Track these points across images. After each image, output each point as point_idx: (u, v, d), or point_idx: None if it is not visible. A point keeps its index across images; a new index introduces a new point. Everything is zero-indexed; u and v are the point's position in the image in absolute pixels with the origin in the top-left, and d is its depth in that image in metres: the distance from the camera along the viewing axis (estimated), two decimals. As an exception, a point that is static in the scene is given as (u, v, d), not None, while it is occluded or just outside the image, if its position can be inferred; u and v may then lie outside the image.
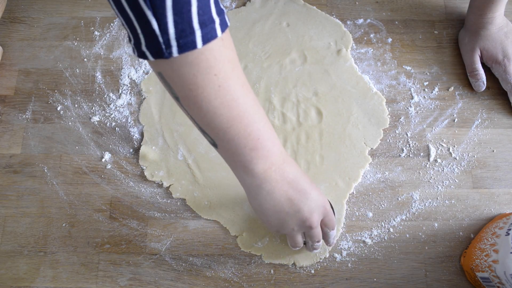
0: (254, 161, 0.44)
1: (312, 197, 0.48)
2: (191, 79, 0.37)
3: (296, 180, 0.47)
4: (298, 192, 0.47)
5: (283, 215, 0.48)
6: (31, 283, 0.58)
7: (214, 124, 0.41)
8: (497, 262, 0.50)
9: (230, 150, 0.44)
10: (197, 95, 0.38)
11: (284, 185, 0.46)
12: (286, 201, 0.47)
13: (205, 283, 0.58)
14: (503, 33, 0.65)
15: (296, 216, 0.48)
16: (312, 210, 0.48)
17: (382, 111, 0.65)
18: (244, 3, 0.73)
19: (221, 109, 0.39)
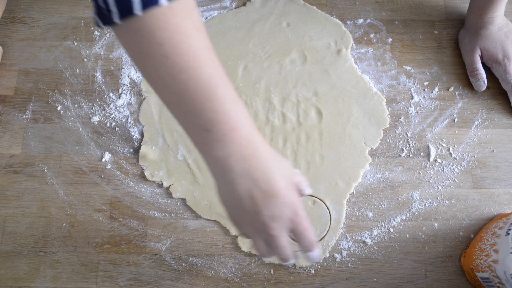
0: (209, 144, 0.39)
1: (280, 202, 0.41)
2: (135, 47, 0.37)
3: (265, 178, 0.40)
4: (263, 192, 0.40)
5: (241, 211, 0.42)
6: (31, 283, 0.58)
7: (164, 96, 0.40)
8: (497, 262, 0.50)
9: (184, 127, 0.41)
10: (144, 64, 0.38)
11: (248, 181, 0.40)
12: (248, 198, 0.40)
13: (205, 283, 0.58)
14: (503, 33, 0.65)
15: (254, 218, 0.41)
16: (274, 217, 0.41)
17: (382, 111, 0.65)
18: (244, 3, 0.73)
19: (167, 81, 0.37)
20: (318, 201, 0.61)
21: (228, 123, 0.39)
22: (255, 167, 0.40)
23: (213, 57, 0.39)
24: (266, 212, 0.41)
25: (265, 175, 0.40)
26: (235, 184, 0.40)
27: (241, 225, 0.44)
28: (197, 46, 0.37)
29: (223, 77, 0.39)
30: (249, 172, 0.40)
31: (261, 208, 0.41)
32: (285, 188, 0.41)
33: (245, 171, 0.40)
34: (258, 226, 0.42)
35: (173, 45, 0.36)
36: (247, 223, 0.43)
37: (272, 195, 0.40)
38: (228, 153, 0.39)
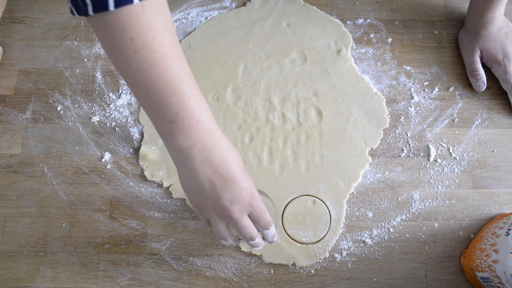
0: (174, 134, 0.43)
1: (238, 187, 0.45)
2: (109, 40, 0.39)
3: (223, 166, 0.45)
4: (222, 178, 0.44)
5: (203, 196, 0.46)
6: (31, 283, 0.58)
7: (135, 89, 0.42)
8: (497, 262, 0.50)
9: (152, 119, 0.44)
10: (116, 57, 0.40)
11: (208, 168, 0.44)
12: (208, 183, 0.45)
13: (205, 283, 0.58)
14: (503, 33, 0.65)
15: (216, 202, 0.45)
16: (234, 201, 0.45)
17: (382, 111, 0.65)
18: (244, 3, 0.73)
19: (138, 75, 0.40)
20: (318, 201, 0.61)
21: (192, 116, 0.42)
22: (215, 156, 0.44)
23: (181, 55, 0.42)
24: (226, 196, 0.45)
25: (224, 163, 0.45)
26: (196, 171, 0.44)
27: (203, 210, 0.47)
28: (166, 44, 0.40)
29: (189, 74, 0.42)
30: (210, 160, 0.44)
31: (221, 193, 0.45)
32: (241, 174, 0.46)
33: (206, 159, 0.44)
34: (219, 211, 0.46)
35: (144, 42, 0.39)
36: (209, 208, 0.46)
37: (231, 181, 0.45)
38: (192, 143, 0.43)
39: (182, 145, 0.44)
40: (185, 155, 0.44)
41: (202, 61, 0.68)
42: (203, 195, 0.46)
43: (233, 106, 0.66)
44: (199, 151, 0.44)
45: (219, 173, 0.45)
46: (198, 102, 0.43)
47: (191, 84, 0.43)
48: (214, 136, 0.45)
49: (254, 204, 0.47)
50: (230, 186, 0.45)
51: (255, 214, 0.48)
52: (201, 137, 0.44)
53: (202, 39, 0.70)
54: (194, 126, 0.43)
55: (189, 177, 0.45)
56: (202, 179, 0.45)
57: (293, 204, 0.61)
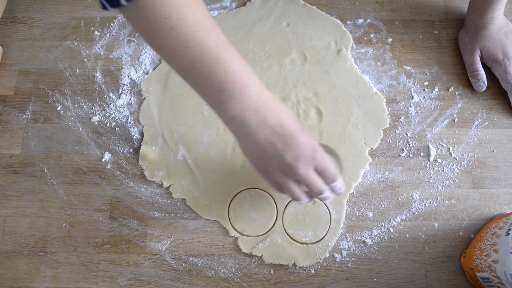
0: (225, 103, 0.43)
1: (298, 143, 0.45)
2: (144, 24, 0.40)
3: (280, 125, 0.45)
4: (281, 137, 0.44)
5: (266, 159, 0.46)
6: (31, 283, 0.58)
7: (178, 66, 0.43)
8: (497, 262, 0.50)
9: (201, 92, 0.44)
10: (155, 38, 0.41)
11: (265, 129, 0.44)
12: (269, 145, 0.45)
13: (205, 283, 0.58)
14: (503, 33, 0.65)
15: (279, 161, 0.45)
16: (298, 157, 0.45)
17: (382, 111, 0.65)
18: (244, 3, 0.73)
19: (178, 51, 0.41)
20: (318, 201, 0.61)
21: (239, 81, 0.43)
22: (269, 116, 0.44)
23: (214, 25, 0.42)
24: (288, 154, 0.45)
25: (279, 121, 0.45)
26: (254, 135, 0.44)
27: (270, 174, 0.47)
28: (199, 16, 0.41)
29: (226, 42, 0.43)
30: (265, 121, 0.44)
31: (283, 151, 0.45)
32: (299, 130, 0.45)
33: (261, 121, 0.44)
34: (285, 170, 0.46)
35: (178, 17, 0.39)
36: (275, 170, 0.46)
37: (290, 137, 0.45)
38: (244, 108, 0.44)
39: (235, 112, 0.44)
40: (240, 121, 0.44)
41: (202, 61, 0.68)
42: (266, 158, 0.46)
43: (233, 106, 0.66)
44: (253, 114, 0.44)
45: (277, 132, 0.44)
46: (241, 66, 0.43)
47: (231, 50, 0.43)
48: (264, 97, 0.45)
49: (318, 157, 0.46)
50: (290, 143, 0.45)
51: (320, 167, 0.47)
52: (252, 100, 0.44)
53: (202, 39, 0.70)
54: (243, 91, 0.43)
55: (248, 142, 0.46)
56: (261, 142, 0.45)
57: (293, 204, 0.61)
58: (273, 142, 0.45)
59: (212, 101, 0.45)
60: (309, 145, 0.46)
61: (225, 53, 0.42)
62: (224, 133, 0.64)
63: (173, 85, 0.67)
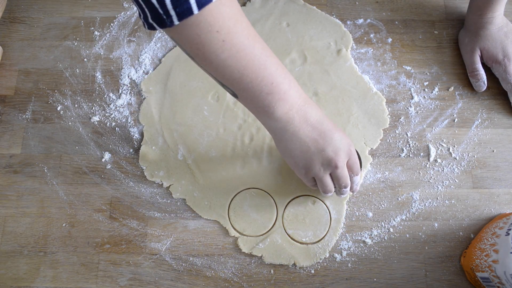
0: (273, 105, 0.47)
1: (336, 137, 0.50)
2: (195, 39, 0.42)
3: (319, 122, 0.50)
4: (322, 133, 0.50)
5: (309, 154, 0.50)
6: (31, 283, 0.58)
7: (227, 76, 0.45)
8: (497, 262, 0.50)
9: (248, 98, 0.47)
10: (205, 51, 0.43)
11: (307, 127, 0.49)
12: (311, 141, 0.50)
13: (205, 283, 0.58)
14: (503, 33, 0.65)
15: (321, 155, 0.50)
16: (337, 149, 0.50)
17: (382, 111, 0.65)
18: (244, 3, 0.73)
19: (229, 61, 0.43)
20: (318, 201, 0.61)
21: (284, 83, 0.47)
22: (310, 114, 0.50)
23: (257, 34, 0.46)
24: (329, 148, 0.50)
25: (318, 118, 0.50)
26: (298, 132, 0.49)
27: (310, 170, 0.52)
28: (245, 27, 0.44)
29: (267, 47, 0.47)
30: (306, 119, 0.49)
31: (324, 146, 0.50)
32: (334, 126, 0.51)
33: (303, 118, 0.49)
34: (326, 163, 0.51)
35: (228, 30, 0.42)
36: (316, 164, 0.51)
37: (329, 133, 0.50)
38: (289, 107, 0.48)
39: (282, 111, 0.48)
40: (285, 120, 0.49)
41: (202, 61, 0.68)
42: (309, 153, 0.51)
43: (233, 106, 0.66)
44: (296, 112, 0.49)
45: (317, 129, 0.50)
46: (283, 70, 0.48)
47: (273, 56, 0.47)
48: (303, 96, 0.50)
49: (352, 150, 0.53)
50: (330, 137, 0.50)
51: (351, 159, 0.53)
52: (295, 100, 0.48)
53: (202, 39, 0.70)
54: (288, 92, 0.48)
55: (292, 140, 0.50)
56: (304, 138, 0.50)
57: (293, 204, 0.61)
58: (315, 138, 0.50)
59: (259, 105, 0.48)
60: (345, 139, 0.52)
61: (270, 59, 0.46)
62: (224, 133, 0.64)
63: (173, 85, 0.67)
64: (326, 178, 0.53)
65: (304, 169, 0.52)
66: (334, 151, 0.50)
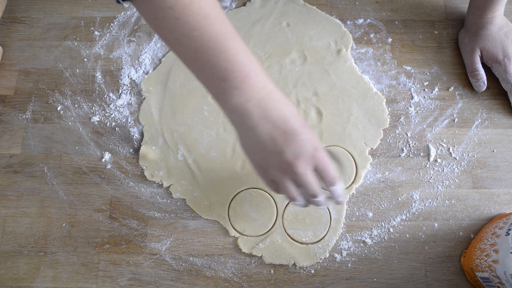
0: (227, 92, 0.43)
1: (300, 139, 0.43)
2: (152, 14, 0.41)
3: (283, 120, 0.43)
4: (283, 132, 0.43)
5: (266, 154, 0.44)
6: (31, 283, 0.58)
7: (183, 55, 0.43)
8: (497, 262, 0.50)
9: (204, 81, 0.44)
10: (161, 27, 0.42)
11: (267, 123, 0.43)
12: (269, 139, 0.43)
13: (205, 283, 0.58)
14: (503, 32, 0.65)
15: (279, 158, 0.43)
16: (298, 154, 0.43)
17: (382, 111, 0.65)
18: (244, 3, 0.73)
19: (183, 40, 0.41)
20: (318, 201, 0.61)
21: (242, 71, 0.42)
22: (272, 109, 0.43)
23: (221, 14, 0.42)
24: (289, 150, 0.43)
25: (282, 115, 0.43)
26: (255, 128, 0.43)
27: (268, 170, 0.46)
28: (204, 6, 0.41)
29: (232, 31, 0.43)
30: (267, 114, 0.43)
31: (283, 147, 0.43)
32: (302, 126, 0.44)
33: (263, 114, 0.43)
34: (284, 167, 0.44)
35: (183, 7, 0.40)
36: (273, 166, 0.45)
37: (292, 133, 0.43)
38: (245, 98, 0.43)
39: (237, 102, 0.43)
40: (241, 112, 0.43)
41: (202, 61, 0.68)
42: (265, 153, 0.44)
43: (233, 106, 0.66)
44: (255, 105, 0.43)
45: (279, 127, 0.43)
46: (245, 56, 0.43)
47: (236, 40, 0.43)
48: (267, 88, 0.44)
49: (319, 156, 0.44)
50: (292, 139, 0.43)
51: (320, 167, 0.45)
52: (254, 90, 0.43)
53: (202, 39, 0.70)
54: (246, 80, 0.42)
55: (248, 135, 0.44)
56: (262, 136, 0.43)
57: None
58: (273, 137, 0.43)
59: (215, 91, 0.44)
60: (311, 143, 0.44)
61: (229, 42, 0.42)
62: (224, 133, 0.64)
63: (173, 85, 0.67)
64: (286, 183, 0.46)
65: (261, 169, 0.47)
66: (294, 155, 0.43)
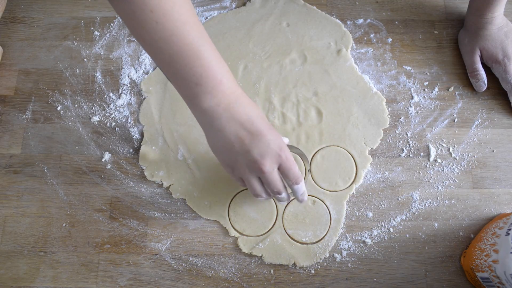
0: (199, 96, 0.46)
1: (266, 139, 0.47)
2: (131, 16, 0.42)
3: (250, 121, 0.47)
4: (249, 133, 0.46)
5: (233, 154, 0.48)
6: (31, 283, 0.58)
7: (159, 58, 0.45)
8: (497, 262, 0.50)
9: (178, 84, 0.47)
10: (139, 30, 0.43)
11: (235, 124, 0.46)
12: (237, 140, 0.47)
13: (205, 283, 0.58)
14: (503, 32, 0.65)
15: (246, 157, 0.47)
16: (264, 153, 0.47)
17: (382, 111, 0.65)
18: (244, 3, 0.73)
19: (161, 44, 0.43)
20: (318, 201, 0.61)
21: (215, 77, 0.45)
22: (239, 112, 0.46)
23: (198, 22, 0.45)
24: (255, 150, 0.46)
25: (248, 118, 0.47)
26: (223, 129, 0.47)
27: (235, 169, 0.49)
28: (184, 12, 0.43)
29: (207, 39, 0.45)
30: (235, 117, 0.46)
31: (250, 147, 0.46)
32: (267, 127, 0.47)
33: (231, 117, 0.46)
34: (251, 165, 0.48)
35: (164, 12, 0.42)
36: (240, 164, 0.48)
37: (258, 134, 0.46)
38: (216, 102, 0.46)
39: (208, 106, 0.46)
40: (211, 115, 0.46)
41: (202, 61, 0.68)
42: (233, 153, 0.47)
43: (233, 106, 0.66)
44: (224, 109, 0.46)
45: (246, 128, 0.46)
46: (219, 63, 0.46)
47: (211, 48, 0.45)
48: (236, 94, 0.47)
49: (283, 156, 0.48)
50: (258, 139, 0.46)
51: (284, 166, 0.49)
52: (225, 96, 0.46)
53: (202, 39, 0.70)
54: (218, 86, 0.45)
55: (217, 137, 0.48)
56: (230, 136, 0.47)
57: (293, 204, 0.61)
58: (241, 138, 0.46)
59: (187, 94, 0.47)
60: (276, 143, 0.47)
61: (205, 49, 0.44)
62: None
63: (173, 85, 0.67)
64: (252, 181, 0.49)
65: (229, 168, 0.50)
66: (260, 154, 0.46)
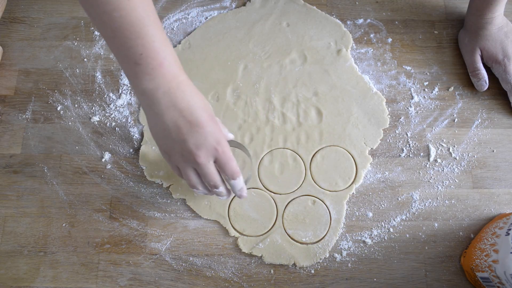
0: (139, 76, 0.44)
1: (203, 131, 0.45)
2: None
3: (188, 110, 0.45)
4: (187, 122, 0.45)
5: (170, 141, 0.47)
6: (31, 283, 0.58)
7: (102, 32, 0.44)
8: (497, 262, 0.50)
9: (119, 60, 0.45)
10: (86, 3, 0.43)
11: (174, 111, 0.45)
12: (174, 127, 0.45)
13: (205, 283, 0.58)
14: (503, 32, 0.65)
15: (181, 146, 0.46)
16: (200, 145, 0.45)
17: (382, 111, 0.65)
18: (244, 3, 0.73)
19: (103, 17, 0.42)
20: (318, 201, 0.61)
21: (156, 58, 0.44)
22: (180, 99, 0.45)
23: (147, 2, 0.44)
24: (191, 140, 0.45)
25: (189, 107, 0.45)
26: (162, 115, 0.45)
27: (171, 156, 0.48)
28: None
29: (154, 19, 0.44)
30: (174, 104, 0.45)
31: (186, 136, 0.45)
32: (207, 120, 0.46)
33: (171, 103, 0.45)
34: (185, 155, 0.46)
35: None
36: (176, 152, 0.47)
37: (196, 125, 0.45)
38: (155, 86, 0.44)
39: (147, 87, 0.44)
40: (150, 97, 0.45)
41: (202, 61, 0.68)
42: (170, 140, 0.46)
43: (233, 106, 0.66)
44: (164, 94, 0.45)
45: (185, 117, 0.45)
46: (162, 45, 0.44)
47: (156, 28, 0.44)
48: (178, 79, 0.45)
49: (220, 150, 0.47)
50: (195, 130, 0.45)
51: (220, 160, 0.47)
52: (165, 79, 0.44)
53: (202, 39, 0.70)
54: (158, 68, 0.44)
55: (155, 121, 0.46)
56: (167, 123, 0.45)
57: (293, 204, 0.61)
58: (179, 126, 0.45)
59: (128, 73, 0.45)
60: (214, 136, 0.46)
61: (148, 29, 0.43)
62: (224, 133, 0.64)
63: (173, 85, 0.67)
64: (187, 171, 0.48)
65: (166, 155, 0.49)
66: (196, 145, 0.45)
